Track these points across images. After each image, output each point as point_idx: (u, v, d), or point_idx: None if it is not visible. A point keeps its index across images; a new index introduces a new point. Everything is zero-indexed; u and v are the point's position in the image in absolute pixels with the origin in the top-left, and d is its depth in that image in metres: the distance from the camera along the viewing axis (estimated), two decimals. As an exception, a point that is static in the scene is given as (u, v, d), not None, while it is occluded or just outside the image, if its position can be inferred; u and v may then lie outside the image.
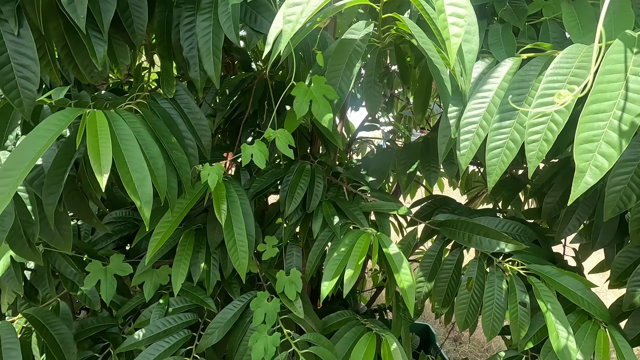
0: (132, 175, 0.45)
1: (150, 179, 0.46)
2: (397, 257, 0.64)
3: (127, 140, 0.47)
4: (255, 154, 0.59)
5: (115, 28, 0.59)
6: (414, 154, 0.96)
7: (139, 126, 0.51)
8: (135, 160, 0.46)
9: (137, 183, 0.45)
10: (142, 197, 0.45)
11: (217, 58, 0.58)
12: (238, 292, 0.87)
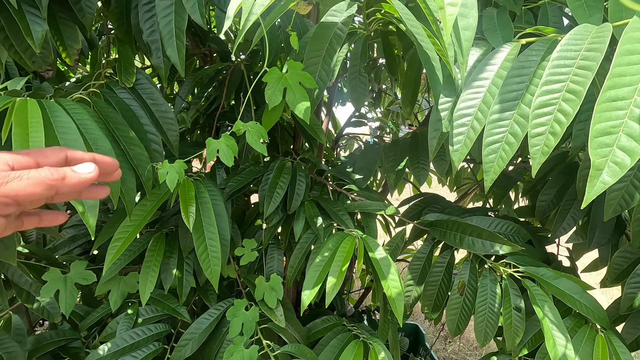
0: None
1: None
2: (384, 262, 0.59)
3: (67, 134, 0.40)
4: (221, 150, 0.52)
5: (61, 6, 0.51)
6: (402, 150, 0.91)
7: (86, 118, 0.44)
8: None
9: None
10: (84, 200, 0.38)
11: (181, 42, 0.51)
12: (215, 300, 0.80)
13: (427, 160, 0.87)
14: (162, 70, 0.56)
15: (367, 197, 0.83)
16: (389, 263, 0.59)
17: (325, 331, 0.82)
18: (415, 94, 0.67)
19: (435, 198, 1.02)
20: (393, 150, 0.92)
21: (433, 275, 0.76)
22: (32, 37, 0.44)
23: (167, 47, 0.51)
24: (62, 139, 0.39)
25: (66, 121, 0.41)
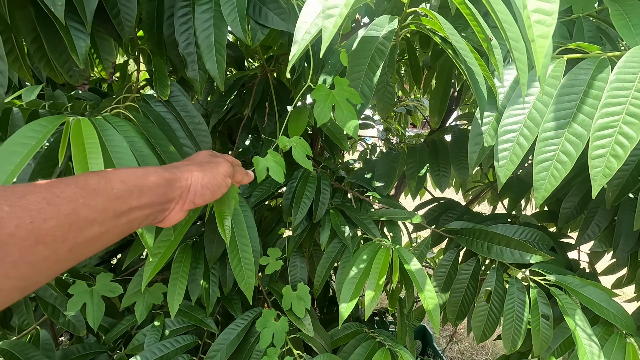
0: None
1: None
2: (419, 274, 0.59)
3: (121, 153, 0.39)
4: (271, 167, 0.51)
5: (98, 19, 0.50)
6: (422, 156, 0.91)
7: (133, 135, 0.43)
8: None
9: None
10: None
11: (221, 56, 0.50)
12: (239, 309, 0.80)
13: (448, 167, 0.87)
14: (197, 83, 0.55)
15: (388, 205, 0.84)
16: (424, 275, 0.60)
17: (347, 338, 0.83)
18: (444, 103, 0.68)
19: (452, 203, 1.03)
20: (412, 156, 0.92)
21: (458, 282, 0.77)
22: (76, 53, 0.43)
23: (207, 60, 0.51)
24: (116, 158, 0.39)
25: (118, 139, 0.40)
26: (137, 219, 0.32)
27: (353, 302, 0.58)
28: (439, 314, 0.59)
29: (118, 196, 0.29)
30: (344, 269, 0.67)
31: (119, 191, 0.30)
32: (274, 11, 0.56)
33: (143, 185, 0.32)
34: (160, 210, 0.35)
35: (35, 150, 0.35)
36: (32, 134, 0.36)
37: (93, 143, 0.37)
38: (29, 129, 0.36)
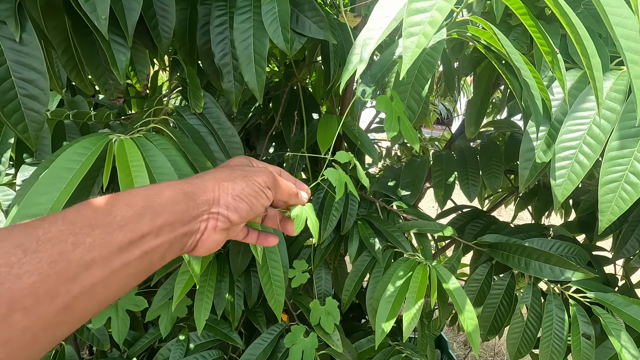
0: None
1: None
2: (458, 294, 0.57)
3: (165, 175, 0.37)
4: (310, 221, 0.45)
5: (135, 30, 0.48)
6: (449, 165, 0.89)
7: (174, 153, 0.41)
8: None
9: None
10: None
11: (261, 68, 0.48)
12: (264, 322, 0.78)
13: (477, 176, 0.85)
14: (233, 95, 0.53)
15: (417, 216, 0.82)
16: (463, 294, 0.57)
17: (371, 351, 0.81)
18: (481, 114, 0.65)
19: (477, 212, 1.00)
20: (439, 164, 0.90)
21: (492, 297, 0.74)
22: (117, 67, 0.41)
23: (246, 72, 0.49)
24: (160, 180, 0.37)
25: (161, 160, 0.38)
26: (156, 249, 0.25)
27: (390, 323, 0.56)
28: (479, 336, 0.57)
29: (123, 224, 0.23)
30: (378, 285, 0.65)
31: (124, 218, 0.23)
32: (312, 19, 0.54)
33: (156, 204, 0.25)
34: (185, 234, 0.27)
35: (81, 175, 0.33)
36: (77, 157, 0.34)
37: (138, 165, 0.35)
38: (73, 152, 0.34)
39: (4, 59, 0.34)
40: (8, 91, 0.35)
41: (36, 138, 0.38)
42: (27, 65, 0.35)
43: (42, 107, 0.37)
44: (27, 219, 0.31)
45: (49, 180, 0.32)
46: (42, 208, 0.31)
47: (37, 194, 0.31)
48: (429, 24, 0.28)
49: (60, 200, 0.32)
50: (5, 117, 0.35)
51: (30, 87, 0.36)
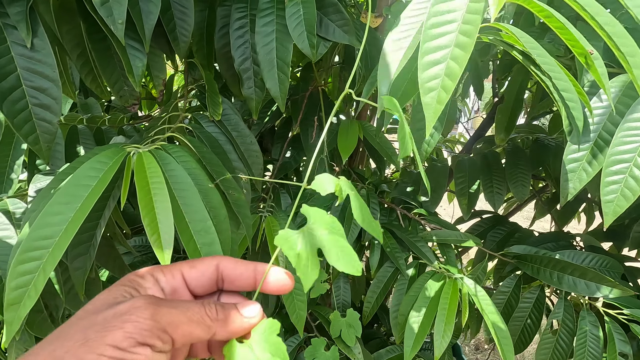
0: (196, 241, 0.33)
1: (219, 243, 0.34)
2: (491, 313, 0.53)
3: (185, 191, 0.35)
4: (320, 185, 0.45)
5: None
6: (472, 171, 0.85)
7: (194, 166, 0.38)
8: (198, 218, 0.34)
9: (204, 250, 0.33)
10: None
11: (284, 74, 0.45)
12: (282, 334, 0.76)
13: (503, 184, 0.81)
14: (253, 102, 0.51)
15: (438, 223, 0.78)
16: (496, 312, 0.54)
17: (391, 363, 0.78)
18: (512, 121, 0.62)
19: (498, 219, 0.96)
20: (461, 170, 0.86)
21: (519, 311, 0.71)
22: (133, 74, 0.39)
23: (268, 79, 0.46)
24: (181, 197, 0.34)
25: (181, 176, 0.35)
26: None
27: (420, 342, 0.53)
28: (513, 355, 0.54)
29: None
30: (404, 299, 0.62)
31: None
32: (336, 22, 0.51)
33: None
34: None
35: (98, 193, 0.30)
36: (93, 173, 0.31)
37: (158, 182, 0.32)
38: (89, 167, 0.32)
39: (15, 67, 0.32)
40: (19, 101, 0.32)
41: (48, 150, 0.36)
42: (38, 73, 0.33)
43: (54, 117, 0.34)
44: (40, 241, 0.28)
45: (64, 198, 0.29)
46: (55, 230, 0.29)
47: (51, 214, 0.29)
48: (447, 77, 0.25)
49: (75, 220, 0.29)
50: (16, 128, 0.33)
51: (42, 96, 0.33)
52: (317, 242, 0.22)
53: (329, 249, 0.22)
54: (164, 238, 0.30)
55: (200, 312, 0.21)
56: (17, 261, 0.27)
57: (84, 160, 0.34)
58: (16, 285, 0.27)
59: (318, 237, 0.22)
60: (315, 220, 0.23)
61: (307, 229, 0.23)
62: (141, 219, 0.31)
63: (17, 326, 0.27)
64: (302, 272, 0.22)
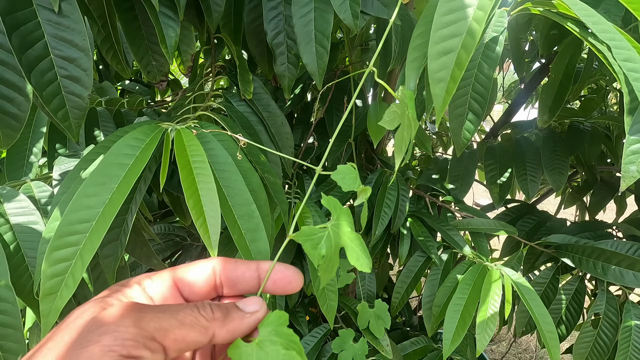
0: (240, 227, 0.31)
1: (264, 229, 0.32)
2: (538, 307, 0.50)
3: (227, 172, 0.32)
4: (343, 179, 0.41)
5: (180, 3, 0.42)
6: (504, 158, 0.81)
7: (233, 147, 0.35)
8: (241, 201, 0.31)
9: (249, 237, 0.31)
10: (257, 258, 0.31)
11: (323, 48, 0.42)
12: (305, 324, 0.74)
13: (537, 172, 0.77)
14: (286, 79, 0.47)
15: (469, 211, 0.75)
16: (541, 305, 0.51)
17: (415, 355, 0.76)
18: (558, 101, 0.57)
19: (527, 207, 0.93)
20: (491, 157, 0.82)
21: (557, 302, 0.68)
22: (165, 44, 0.36)
23: (305, 53, 0.42)
24: (222, 178, 0.31)
25: (222, 155, 0.32)
26: None
27: (461, 337, 0.50)
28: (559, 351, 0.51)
29: None
30: (439, 291, 0.59)
31: None
32: (376, -8, 0.46)
33: None
34: None
35: (137, 173, 0.27)
36: (129, 151, 0.28)
37: (201, 162, 0.29)
38: (124, 144, 0.29)
39: (42, 33, 0.29)
40: (47, 72, 0.29)
41: (78, 127, 0.33)
42: (67, 41, 0.30)
43: (85, 90, 0.31)
44: (76, 225, 0.26)
45: (99, 179, 0.27)
46: (92, 212, 0.26)
47: (86, 196, 0.26)
48: (456, 66, 0.25)
49: (113, 203, 0.26)
50: (45, 102, 0.30)
51: (72, 67, 0.30)
52: (342, 241, 0.21)
53: (352, 248, 0.21)
54: (210, 223, 0.27)
55: (194, 313, 0.18)
56: (52, 247, 0.25)
57: (114, 140, 0.31)
58: (52, 274, 0.25)
59: (342, 237, 0.21)
60: (339, 215, 0.21)
61: (333, 226, 0.21)
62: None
63: (55, 318, 0.25)
64: (323, 272, 0.20)
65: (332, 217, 0.22)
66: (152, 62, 0.41)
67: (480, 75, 0.40)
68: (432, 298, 0.61)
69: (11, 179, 0.50)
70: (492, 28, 0.40)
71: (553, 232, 0.81)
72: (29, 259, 0.33)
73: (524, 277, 0.79)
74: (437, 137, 1.43)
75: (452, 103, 0.43)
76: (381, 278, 0.85)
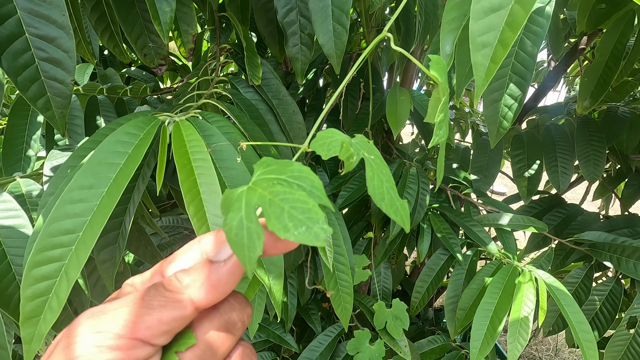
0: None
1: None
2: (573, 312, 0.46)
3: (233, 169, 0.28)
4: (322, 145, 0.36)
5: (179, -25, 0.37)
6: (532, 147, 0.75)
7: (238, 138, 0.31)
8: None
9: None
10: (267, 265, 0.27)
11: (342, 26, 0.36)
12: (318, 321, 0.71)
13: (569, 162, 0.71)
14: (299, 62, 0.42)
15: (497, 207, 0.70)
16: (577, 310, 0.46)
17: (433, 353, 0.72)
18: (603, 86, 0.51)
19: (555, 199, 0.87)
20: (519, 147, 0.76)
21: (589, 303, 0.63)
22: (159, 20, 0.31)
23: (320, 32, 0.37)
24: (228, 177, 0.27)
25: (227, 150, 0.28)
26: None
27: (490, 344, 0.46)
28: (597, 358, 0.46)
29: None
30: (464, 292, 0.55)
31: None
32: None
33: None
34: None
35: (129, 173, 0.23)
36: (121, 148, 0.24)
37: (203, 160, 0.25)
38: (115, 140, 0.25)
39: (13, 7, 0.24)
40: (22, 53, 0.25)
41: (62, 117, 0.29)
42: (44, 17, 0.25)
43: (67, 75, 0.27)
44: (59, 237, 0.22)
45: (86, 181, 0.23)
46: (78, 222, 0.22)
47: (71, 202, 0.22)
48: (508, 27, 0.20)
49: (102, 209, 0.22)
50: (21, 89, 0.26)
51: (51, 47, 0.26)
52: (256, 199, 0.14)
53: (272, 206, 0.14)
54: (211, 222, 0.23)
55: (159, 290, 0.16)
56: (32, 263, 0.21)
57: (107, 132, 0.27)
58: (33, 294, 0.21)
59: (259, 193, 0.15)
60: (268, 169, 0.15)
61: (252, 183, 0.15)
62: (187, 208, 0.24)
63: (38, 344, 0.21)
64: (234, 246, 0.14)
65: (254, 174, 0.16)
66: (149, 43, 0.37)
67: (521, 53, 0.35)
68: (456, 299, 0.57)
69: (8, 174, 0.47)
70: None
71: (585, 227, 0.75)
72: (15, 267, 0.29)
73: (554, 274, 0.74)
74: (455, 123, 1.36)
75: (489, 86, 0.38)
76: (397, 274, 0.82)
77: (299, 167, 0.15)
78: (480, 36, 0.22)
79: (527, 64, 0.35)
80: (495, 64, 0.23)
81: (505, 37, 0.22)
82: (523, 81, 0.36)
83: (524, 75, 0.36)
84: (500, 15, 0.21)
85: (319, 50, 0.68)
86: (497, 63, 0.23)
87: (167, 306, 0.16)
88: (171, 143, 0.25)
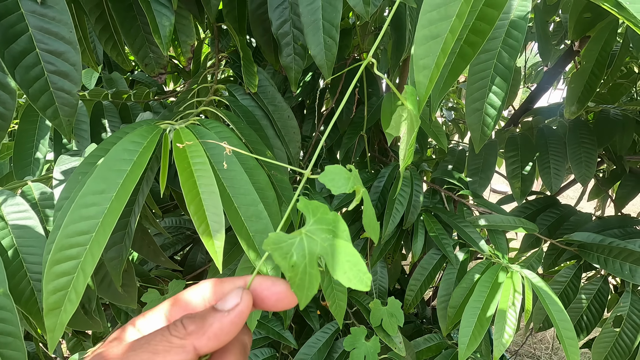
0: (248, 229, 0.29)
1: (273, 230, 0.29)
2: (557, 311, 0.47)
3: (232, 171, 0.30)
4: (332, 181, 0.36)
5: (179, -10, 0.39)
6: (526, 148, 0.76)
7: (237, 144, 0.33)
8: (248, 202, 0.29)
9: (257, 239, 0.29)
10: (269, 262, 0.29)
11: (332, 39, 0.38)
12: (316, 318, 0.73)
13: (561, 164, 0.73)
14: (293, 71, 0.44)
15: (490, 208, 0.71)
16: (561, 309, 0.48)
17: (429, 352, 0.74)
18: (589, 91, 0.53)
19: (549, 200, 0.88)
20: (513, 149, 0.78)
21: (577, 302, 0.64)
22: (159, 34, 0.33)
23: (312, 44, 0.39)
24: (226, 178, 0.29)
25: (228, 158, 0.30)
26: None
27: (477, 340, 0.48)
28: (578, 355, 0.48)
29: None
30: (455, 291, 0.56)
31: None
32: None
33: None
34: None
35: (135, 178, 0.26)
36: (127, 156, 0.27)
37: (202, 164, 0.27)
38: (122, 149, 0.27)
39: (26, 26, 0.26)
40: (33, 67, 0.27)
41: (69, 125, 0.31)
42: (53, 34, 0.28)
43: (74, 86, 0.29)
44: (75, 237, 0.24)
45: (97, 186, 0.25)
46: (91, 223, 0.24)
47: (85, 206, 0.25)
48: (442, 52, 0.21)
49: (112, 211, 0.25)
50: (32, 100, 0.28)
51: (59, 61, 0.28)
52: (319, 249, 0.17)
53: (334, 258, 0.17)
54: (213, 228, 0.25)
55: (165, 336, 0.17)
56: (53, 261, 0.24)
57: (114, 141, 0.29)
58: (54, 288, 0.24)
59: (319, 243, 0.17)
60: (315, 219, 0.18)
61: (306, 232, 0.17)
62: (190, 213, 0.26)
63: (60, 332, 0.24)
64: (297, 288, 0.17)
65: (307, 222, 0.18)
66: (150, 54, 0.39)
67: (499, 65, 0.37)
68: (448, 298, 0.59)
69: (19, 177, 0.49)
70: (514, 11, 0.36)
71: (577, 228, 0.77)
72: (27, 265, 0.32)
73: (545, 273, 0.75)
74: (454, 124, 1.38)
75: (470, 96, 0.40)
76: (393, 273, 0.83)
77: (334, 216, 0.18)
78: (421, 60, 0.24)
79: (505, 76, 0.36)
80: (432, 83, 0.25)
81: (439, 61, 0.24)
82: (501, 92, 0.38)
83: (503, 87, 0.37)
84: (438, 42, 0.23)
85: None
86: (433, 82, 0.25)
87: (171, 351, 0.16)
88: (172, 149, 0.27)
